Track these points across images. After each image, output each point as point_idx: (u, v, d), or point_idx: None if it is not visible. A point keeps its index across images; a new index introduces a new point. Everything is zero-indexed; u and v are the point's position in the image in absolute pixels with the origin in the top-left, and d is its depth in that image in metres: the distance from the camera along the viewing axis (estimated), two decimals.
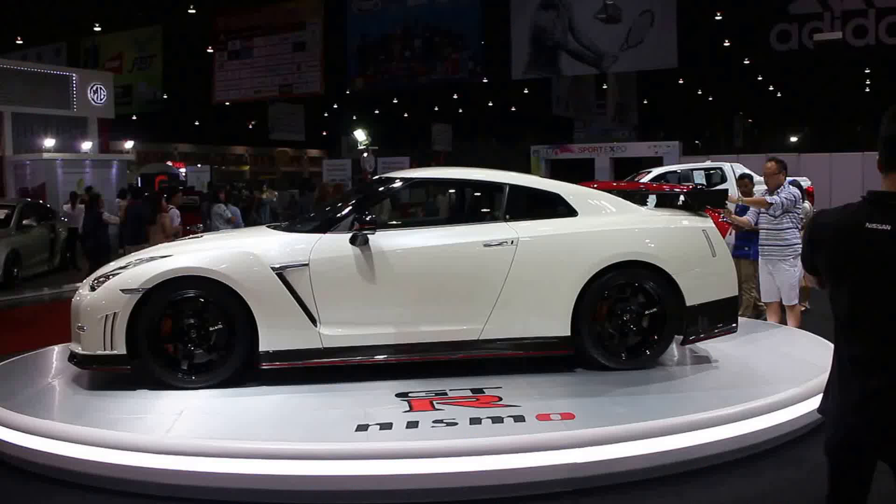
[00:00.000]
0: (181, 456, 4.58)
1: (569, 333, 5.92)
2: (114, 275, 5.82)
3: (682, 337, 6.18)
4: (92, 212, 13.97)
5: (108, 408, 5.43)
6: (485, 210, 6.66)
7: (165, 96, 33.55)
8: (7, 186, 23.34)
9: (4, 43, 30.71)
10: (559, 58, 23.66)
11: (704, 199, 6.94)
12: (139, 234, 12.57)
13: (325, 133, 53.66)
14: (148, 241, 11.71)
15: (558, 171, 27.98)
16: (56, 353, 7.34)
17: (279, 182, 39.65)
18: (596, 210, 6.29)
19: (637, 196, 7.34)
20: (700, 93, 46.19)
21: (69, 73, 26.64)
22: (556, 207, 6.26)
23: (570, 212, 6.21)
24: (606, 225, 6.18)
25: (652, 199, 7.26)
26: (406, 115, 51.54)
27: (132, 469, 4.64)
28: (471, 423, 4.88)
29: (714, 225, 6.42)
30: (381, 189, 6.68)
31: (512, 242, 5.92)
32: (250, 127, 50.20)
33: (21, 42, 32.47)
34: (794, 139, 47.90)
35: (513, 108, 49.17)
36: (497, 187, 6.37)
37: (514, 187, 6.27)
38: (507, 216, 6.13)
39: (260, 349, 5.71)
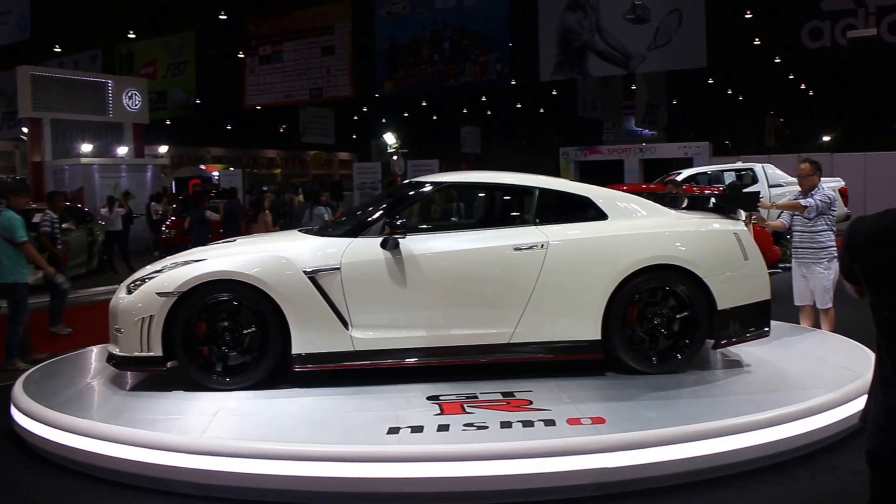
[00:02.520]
0: (216, 456, 4.64)
1: (599, 337, 5.92)
2: (150, 278, 5.92)
3: (713, 341, 6.15)
4: (197, 210, 14.90)
5: (145, 408, 5.52)
6: (515, 214, 6.67)
7: (198, 101, 33.90)
8: (47, 191, 23.75)
9: (43, 51, 31.23)
10: (587, 59, 23.56)
11: (736, 202, 6.90)
12: (236, 232, 12.96)
13: (354, 136, 53.91)
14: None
15: (587, 172, 27.86)
16: (94, 354, 7.49)
17: (309, 185, 39.84)
18: (626, 213, 6.29)
19: (668, 198, 7.32)
20: (730, 92, 45.77)
21: (105, 80, 27.03)
22: (586, 211, 6.26)
23: (600, 215, 6.21)
24: (637, 228, 6.17)
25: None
26: (435, 117, 51.63)
27: (168, 469, 4.72)
28: (501, 427, 4.89)
29: (746, 228, 6.39)
30: (411, 193, 6.71)
31: (542, 246, 5.94)
32: (281, 130, 50.64)
33: (59, 50, 33.01)
34: (826, 139, 47.27)
35: (541, 110, 49.08)
36: (527, 191, 6.39)
37: (543, 191, 6.30)
38: (537, 220, 6.15)
39: (292, 352, 5.78)
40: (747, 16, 26.10)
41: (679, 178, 18.49)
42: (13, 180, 9.67)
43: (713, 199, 6.72)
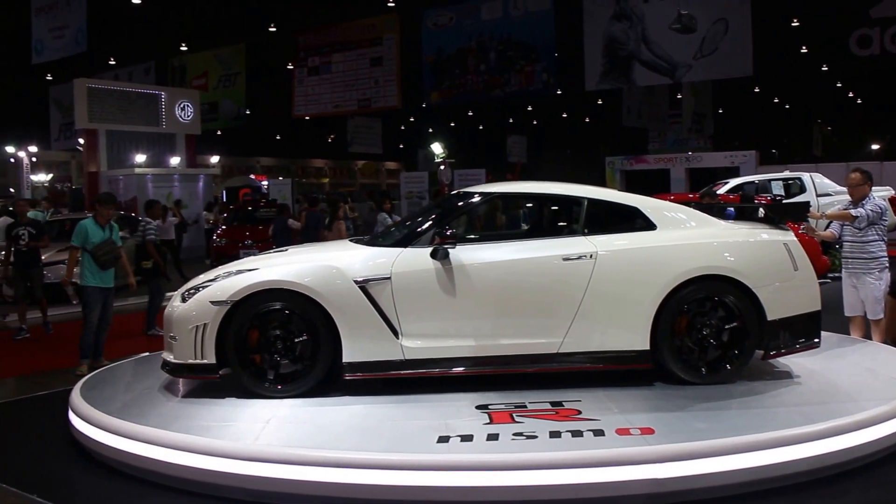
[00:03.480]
0: (269, 463, 4.72)
1: (648, 347, 5.91)
2: (204, 287, 6.05)
3: (762, 351, 6.10)
4: (280, 219, 15.50)
5: (199, 415, 5.64)
6: (563, 224, 6.68)
7: (248, 112, 34.42)
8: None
9: (98, 64, 31.99)
10: (632, 68, 23.46)
11: (785, 212, 6.85)
12: (314, 240, 13.36)
13: (401, 146, 54.31)
14: None
15: (633, 182, 27.68)
16: (148, 361, 7.67)
17: (357, 194, 40.25)
18: (675, 223, 6.28)
19: (716, 208, 7.28)
20: (777, 101, 45.15)
21: (158, 91, 27.61)
22: (635, 221, 6.26)
23: (648, 225, 6.21)
24: (685, 238, 6.16)
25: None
26: (481, 127, 51.79)
27: (222, 475, 4.82)
28: (550, 437, 4.91)
29: (796, 238, 6.33)
30: (460, 203, 6.77)
31: (591, 256, 5.96)
32: (329, 140, 51.20)
33: (114, 62, 33.79)
34: (875, 147, 46.31)
35: (586, 120, 48.95)
36: (575, 201, 6.41)
37: (592, 201, 6.31)
38: (586, 230, 6.17)
39: (343, 360, 5.85)
40: (794, 24, 25.76)
41: (725, 187, 18.34)
42: (103, 193, 10.26)
43: (762, 210, 6.67)
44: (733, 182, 19.09)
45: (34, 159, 40.05)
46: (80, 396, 6.19)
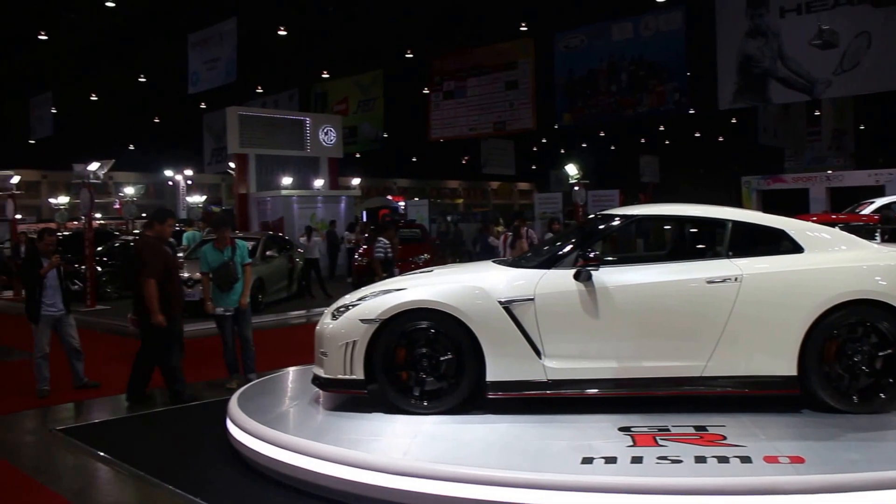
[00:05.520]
0: (418, 478, 4.87)
1: (795, 373, 5.78)
2: (353, 305, 6.30)
3: None
4: (483, 235, 16.05)
5: (348, 428, 5.86)
6: (707, 246, 6.60)
7: (386, 135, 35.40)
8: (251, 220, 25.61)
9: (246, 92, 33.75)
10: (768, 86, 22.71)
11: None
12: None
13: (534, 167, 54.41)
14: None
15: (770, 202, 26.65)
16: (296, 375, 8.06)
17: (492, 214, 40.58)
18: (823, 246, 6.12)
19: (864, 230, 7.01)
20: None
21: (304, 117, 28.83)
22: (781, 243, 6.14)
23: (795, 248, 6.08)
24: (834, 262, 5.99)
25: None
26: (613, 147, 51.27)
27: (372, 487, 5.01)
28: (696, 462, 4.87)
29: None
30: (602, 226, 6.78)
31: (736, 279, 5.88)
32: (463, 162, 51.90)
33: (260, 90, 35.57)
34: None
35: (720, 138, 47.63)
36: (719, 223, 6.35)
37: (736, 223, 6.24)
38: (730, 252, 6.09)
39: (487, 379, 5.97)
40: None
41: (871, 207, 17.45)
42: (219, 216, 10.33)
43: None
44: (879, 202, 18.12)
45: (190, 182, 42.59)
46: (237, 407, 6.58)
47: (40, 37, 26.96)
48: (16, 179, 21.95)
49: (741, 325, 5.84)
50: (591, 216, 7.49)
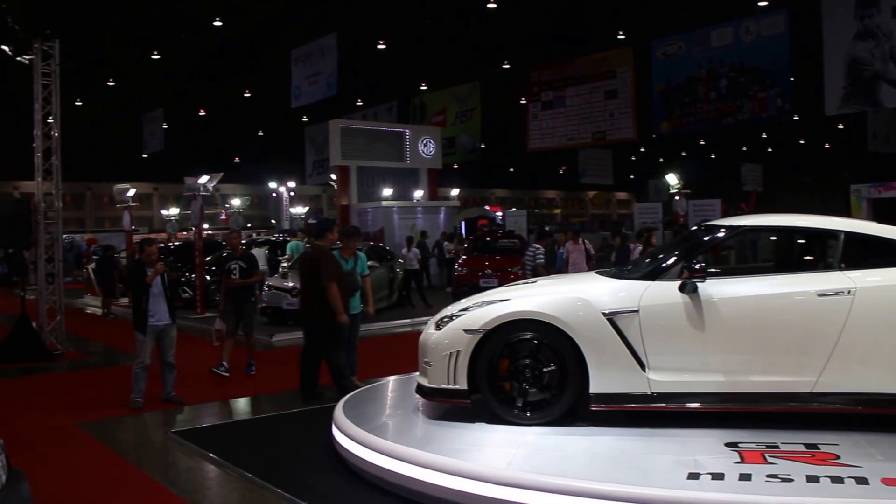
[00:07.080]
0: (522, 489, 4.87)
1: None
2: (457, 316, 6.36)
3: None
4: (624, 246, 15.59)
5: (452, 437, 5.91)
6: (817, 258, 6.42)
7: (483, 146, 35.56)
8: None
9: (347, 105, 34.50)
10: (879, 89, 21.72)
11: None
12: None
13: (632, 176, 53.70)
14: None
15: (882, 211, 25.47)
16: (398, 384, 8.18)
17: (589, 225, 40.25)
18: None
19: None
20: None
21: (403, 129, 29.30)
22: None
23: None
24: None
25: None
26: (713, 155, 50.14)
27: (475, 497, 5.03)
28: (807, 481, 4.71)
29: None
30: (707, 238, 6.65)
31: (849, 292, 5.68)
32: (561, 172, 51.65)
33: (360, 103, 36.30)
34: None
35: (826, 146, 45.96)
36: (830, 234, 6.15)
37: (849, 234, 6.02)
38: (842, 264, 5.89)
39: (590, 391, 5.93)
40: None
41: None
42: (348, 226, 10.49)
43: None
44: None
45: (292, 193, 43.76)
46: (342, 414, 6.72)
47: (153, 56, 28.25)
48: (132, 192, 22.95)
49: (854, 339, 5.63)
50: (695, 227, 7.34)
